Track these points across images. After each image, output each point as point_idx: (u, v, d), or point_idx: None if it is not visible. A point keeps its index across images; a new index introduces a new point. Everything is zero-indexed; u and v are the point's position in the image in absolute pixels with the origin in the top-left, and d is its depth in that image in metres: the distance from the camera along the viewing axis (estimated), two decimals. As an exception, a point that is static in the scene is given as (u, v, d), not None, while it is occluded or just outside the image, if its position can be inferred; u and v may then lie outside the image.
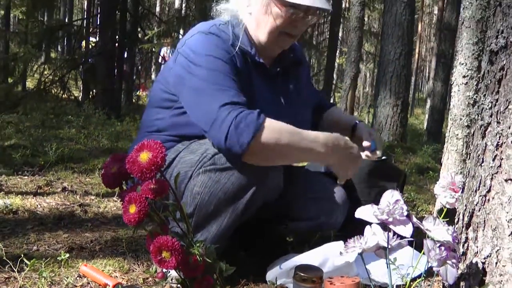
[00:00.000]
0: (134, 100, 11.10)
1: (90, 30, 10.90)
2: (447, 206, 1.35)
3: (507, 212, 1.15)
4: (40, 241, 2.16)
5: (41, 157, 3.88)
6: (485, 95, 1.27)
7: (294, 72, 1.83)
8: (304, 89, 1.85)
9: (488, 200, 1.20)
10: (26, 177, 3.38)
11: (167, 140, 1.64)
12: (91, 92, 9.25)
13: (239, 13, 1.68)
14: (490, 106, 1.24)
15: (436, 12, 21.48)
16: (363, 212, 1.18)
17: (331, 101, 12.39)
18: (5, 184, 3.13)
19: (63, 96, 8.50)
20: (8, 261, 1.77)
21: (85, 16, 16.17)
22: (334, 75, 15.43)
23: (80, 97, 9.71)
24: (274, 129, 1.44)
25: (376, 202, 1.18)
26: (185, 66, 1.58)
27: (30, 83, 11.51)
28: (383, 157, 1.90)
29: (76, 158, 4.07)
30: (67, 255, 1.83)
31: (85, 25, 10.57)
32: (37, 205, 2.72)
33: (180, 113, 1.64)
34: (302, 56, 1.92)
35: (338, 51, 18.36)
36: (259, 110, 1.46)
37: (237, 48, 1.61)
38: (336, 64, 17.19)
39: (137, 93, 12.39)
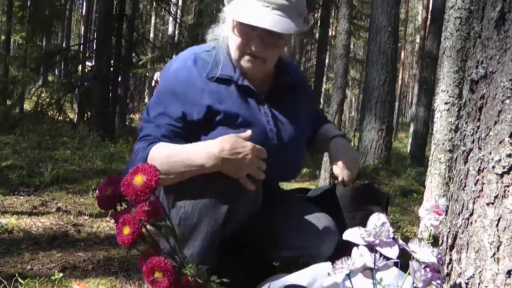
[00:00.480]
0: (127, 123, 11.18)
1: (86, 55, 11.02)
2: (431, 228, 1.39)
3: (489, 235, 1.18)
4: (34, 261, 2.17)
5: (36, 178, 3.91)
6: (467, 122, 1.32)
7: (290, 95, 1.80)
8: (301, 112, 1.81)
9: (471, 223, 1.24)
10: (22, 197, 3.41)
11: None
12: (86, 115, 9.33)
13: (220, 35, 1.70)
14: (472, 132, 1.29)
15: (418, 40, 21.92)
16: (351, 235, 1.20)
17: None
18: (1, 204, 3.16)
19: (59, 118, 8.57)
20: (2, 280, 1.79)
21: (81, 42, 16.31)
22: (321, 100, 15.61)
23: (75, 119, 9.77)
24: (155, 161, 1.46)
25: (362, 225, 1.20)
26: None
27: (27, 105, 11.57)
28: (366, 181, 1.91)
29: (70, 178, 4.10)
30: (61, 274, 1.85)
31: (81, 50, 10.70)
32: (32, 225, 2.75)
33: None
34: (301, 80, 1.88)
35: (324, 77, 18.62)
36: (150, 143, 1.56)
37: (218, 73, 1.63)
38: (323, 89, 17.40)
39: (131, 116, 12.48)
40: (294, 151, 1.72)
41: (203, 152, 1.47)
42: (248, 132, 1.49)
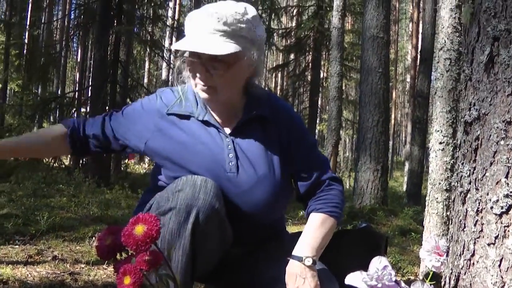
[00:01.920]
0: (122, 169, 11.16)
1: (82, 101, 11.13)
2: (433, 269, 1.38)
3: (492, 275, 1.18)
4: (32, 312, 2.15)
5: (32, 226, 3.88)
6: (463, 163, 1.34)
7: (260, 129, 1.72)
8: (272, 147, 1.71)
9: (473, 263, 1.24)
10: (17, 246, 3.37)
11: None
12: (80, 161, 9.34)
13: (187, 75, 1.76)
14: (468, 174, 1.30)
15: (408, 80, 22.27)
16: (353, 279, 1.20)
17: None
18: (-4, 253, 3.12)
19: (54, 165, 8.58)
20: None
21: (76, 88, 16.46)
22: (316, 142, 15.75)
23: (70, 164, 9.77)
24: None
25: (363, 268, 1.20)
26: None
27: (21, 153, 11.59)
28: (364, 224, 1.90)
29: (66, 226, 4.07)
30: (59, 326, 1.83)
31: (76, 96, 10.82)
32: (28, 275, 2.71)
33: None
34: (271, 111, 1.75)
35: (318, 119, 18.81)
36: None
37: (179, 110, 1.69)
38: (316, 131, 17.54)
39: (126, 161, 12.49)
40: (260, 187, 1.65)
41: None
42: None
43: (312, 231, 1.64)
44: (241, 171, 1.63)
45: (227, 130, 1.69)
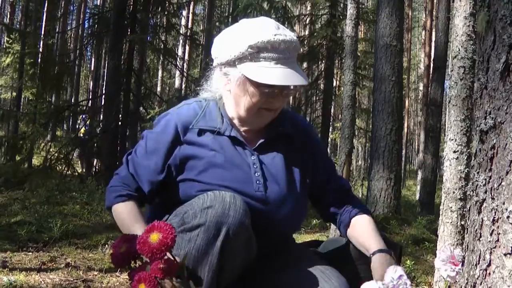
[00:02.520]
0: (135, 176, 11.18)
1: (95, 110, 11.22)
2: (448, 279, 1.37)
3: (508, 286, 1.17)
4: (45, 319, 2.17)
5: (45, 233, 3.91)
6: (478, 172, 1.33)
7: (283, 145, 1.75)
8: (295, 163, 1.75)
9: (489, 273, 1.23)
10: (30, 253, 3.40)
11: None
12: (93, 169, 9.40)
13: (219, 91, 1.73)
14: (484, 183, 1.29)
15: (421, 88, 22.14)
16: None
17: None
18: (9, 260, 3.15)
19: (67, 172, 8.65)
20: None
21: (90, 97, 16.61)
22: (328, 150, 15.69)
23: (83, 172, 9.84)
24: (115, 214, 1.65)
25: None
26: None
27: (36, 161, 11.73)
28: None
29: (79, 233, 4.10)
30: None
31: (90, 104, 10.91)
32: (41, 281, 2.74)
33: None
34: (298, 130, 1.81)
35: (331, 127, 18.77)
36: (125, 194, 1.66)
37: (196, 127, 1.68)
38: (329, 140, 17.51)
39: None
40: (286, 204, 1.68)
41: None
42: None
43: (373, 229, 1.71)
44: (268, 189, 1.65)
45: (251, 146, 1.71)
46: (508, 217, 1.21)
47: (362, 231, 1.72)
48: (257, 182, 1.65)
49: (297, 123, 1.83)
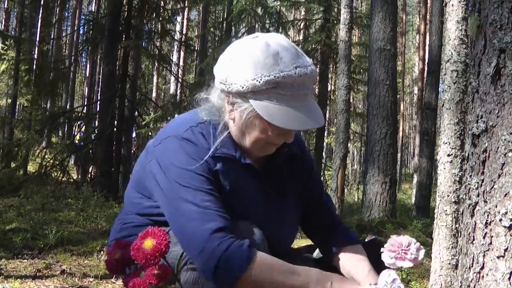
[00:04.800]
0: (130, 182, 11.19)
1: (90, 116, 11.22)
2: (390, 267, 1.35)
3: None
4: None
5: (41, 240, 3.90)
6: (471, 175, 1.34)
7: (289, 168, 1.72)
8: (297, 183, 1.73)
9: (483, 276, 1.24)
10: (25, 260, 3.39)
11: (146, 224, 1.58)
12: (89, 175, 9.40)
13: (221, 115, 1.59)
14: (476, 186, 1.31)
15: (416, 91, 22.24)
16: None
17: (322, 180, 12.21)
18: (4, 268, 3.13)
19: (63, 179, 8.64)
20: None
21: (85, 103, 16.59)
22: (323, 155, 15.72)
23: (79, 178, 9.84)
24: (265, 267, 1.39)
25: None
26: (160, 175, 1.53)
27: (31, 167, 11.70)
28: (372, 237, 1.89)
29: (75, 240, 4.09)
30: None
31: (85, 111, 10.90)
32: (36, 289, 2.73)
33: (157, 206, 1.58)
34: (300, 148, 1.77)
35: (326, 132, 18.80)
36: (249, 243, 1.40)
37: (217, 152, 1.54)
38: (324, 144, 17.52)
39: (134, 175, 12.51)
40: (290, 224, 1.70)
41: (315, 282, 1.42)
42: None
43: (366, 260, 1.63)
44: (276, 210, 1.64)
45: (260, 169, 1.65)
46: (500, 220, 1.22)
47: (360, 261, 1.65)
48: (267, 204, 1.62)
49: (298, 141, 1.78)
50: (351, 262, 1.64)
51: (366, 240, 1.82)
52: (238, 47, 1.53)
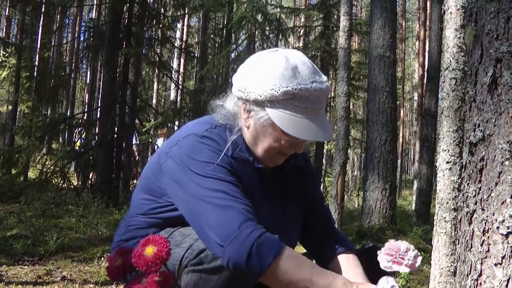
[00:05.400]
0: (131, 189, 11.19)
1: (90, 123, 11.24)
2: (386, 270, 1.35)
3: None
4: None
5: (41, 247, 3.91)
6: (468, 183, 1.36)
7: (294, 178, 1.76)
8: (301, 194, 1.78)
9: (480, 284, 1.26)
10: (26, 266, 3.40)
11: (149, 224, 1.64)
12: (89, 181, 9.40)
13: (236, 121, 1.63)
14: (474, 194, 1.32)
15: (416, 98, 22.25)
16: None
17: (321, 187, 12.21)
18: (5, 274, 3.14)
19: (63, 185, 8.65)
20: None
21: (86, 109, 16.60)
22: (324, 161, 15.71)
23: (79, 185, 9.84)
24: (295, 259, 1.41)
25: None
26: (180, 172, 1.53)
27: (31, 174, 11.72)
28: (371, 244, 1.90)
29: (75, 246, 4.10)
30: None
31: (85, 117, 10.92)
32: (37, 296, 2.73)
33: (166, 205, 1.61)
34: (304, 161, 1.83)
35: (325, 138, 18.77)
36: (278, 236, 1.43)
37: (235, 154, 1.58)
38: (324, 151, 17.53)
39: (135, 182, 12.51)
40: (295, 231, 1.73)
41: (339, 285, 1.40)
42: None
43: (360, 268, 1.67)
44: (281, 216, 1.67)
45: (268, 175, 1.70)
46: (498, 227, 1.23)
47: (356, 269, 1.69)
48: (276, 212, 1.66)
49: (304, 154, 1.82)
50: (346, 271, 1.67)
51: (365, 247, 1.83)
52: (258, 59, 1.58)
